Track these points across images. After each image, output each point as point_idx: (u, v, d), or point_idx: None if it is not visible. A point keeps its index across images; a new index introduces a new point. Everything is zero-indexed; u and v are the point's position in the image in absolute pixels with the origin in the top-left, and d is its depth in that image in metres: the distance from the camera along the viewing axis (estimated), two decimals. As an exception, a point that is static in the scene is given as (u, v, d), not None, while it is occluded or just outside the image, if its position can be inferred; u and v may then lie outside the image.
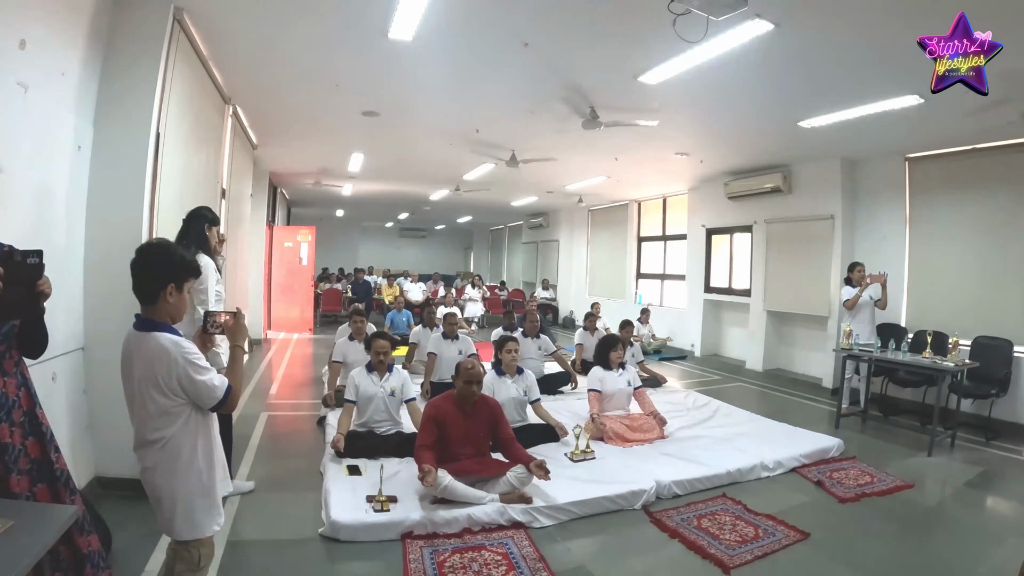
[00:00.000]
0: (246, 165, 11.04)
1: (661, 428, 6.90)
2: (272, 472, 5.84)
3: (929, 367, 7.28)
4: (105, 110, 5.00)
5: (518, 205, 20.34)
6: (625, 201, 17.64)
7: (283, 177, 16.24)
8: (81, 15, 4.63)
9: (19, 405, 2.66)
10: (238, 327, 3.02)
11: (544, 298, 20.98)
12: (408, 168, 13.82)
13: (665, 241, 16.54)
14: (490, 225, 30.89)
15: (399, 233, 33.22)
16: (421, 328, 10.14)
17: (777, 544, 4.51)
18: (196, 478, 2.79)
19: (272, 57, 6.76)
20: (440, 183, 16.20)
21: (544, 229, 23.09)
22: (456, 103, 8.31)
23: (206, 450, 2.83)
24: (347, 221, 29.62)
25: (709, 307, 14.31)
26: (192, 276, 2.87)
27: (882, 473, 6.11)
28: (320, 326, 17.23)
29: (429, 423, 5.10)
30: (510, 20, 5.54)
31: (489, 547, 4.36)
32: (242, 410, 7.93)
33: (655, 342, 14.44)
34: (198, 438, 2.80)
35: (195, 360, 2.69)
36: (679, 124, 8.90)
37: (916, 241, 9.65)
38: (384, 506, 4.65)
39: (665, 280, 16.61)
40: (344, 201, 20.96)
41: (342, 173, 14.68)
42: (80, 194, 4.86)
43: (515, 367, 6.84)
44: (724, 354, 14.25)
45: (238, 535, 4.49)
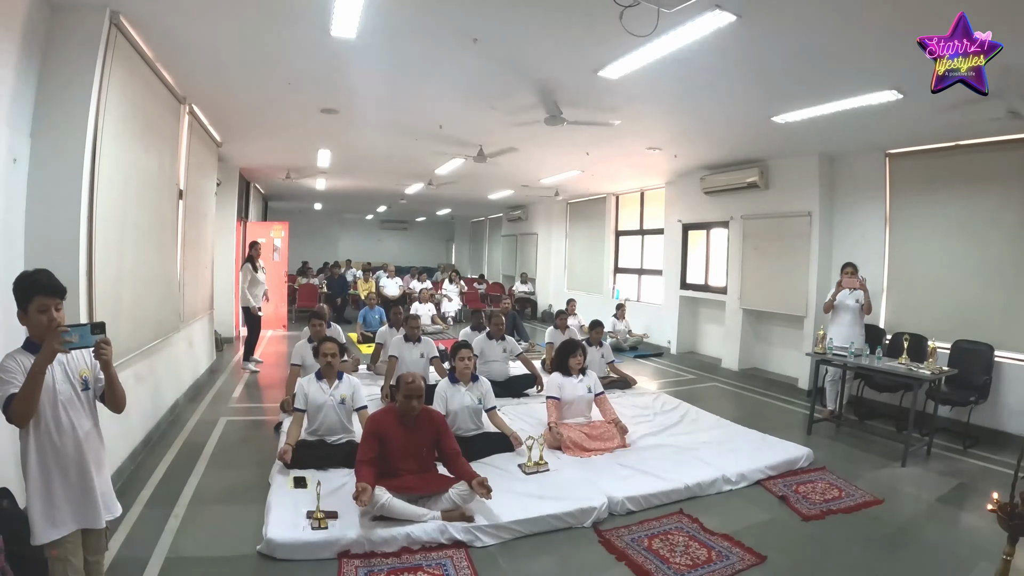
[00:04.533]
0: (209, 163, 10.82)
1: (623, 436, 6.71)
2: (222, 483, 5.73)
3: (905, 375, 7.08)
4: (42, 121, 4.90)
5: (495, 198, 20.16)
6: (603, 194, 17.51)
7: (254, 172, 16.06)
8: (12, 26, 4.53)
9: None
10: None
11: (523, 292, 20.92)
12: (377, 163, 13.65)
13: (643, 236, 16.40)
14: (471, 217, 30.74)
15: (380, 225, 33.09)
16: (388, 328, 9.97)
17: (730, 569, 4.30)
18: (32, 486, 2.94)
19: (220, 56, 6.58)
20: (413, 177, 15.99)
21: (523, 222, 22.94)
22: (412, 99, 8.12)
23: (40, 458, 2.95)
24: (326, 214, 29.52)
25: (685, 304, 14.18)
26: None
27: (851, 487, 5.91)
28: (296, 322, 17.07)
29: (370, 438, 4.94)
30: (455, 15, 5.33)
31: (426, 568, 4.22)
32: (200, 416, 7.87)
33: (631, 338, 14.33)
34: (29, 443, 2.93)
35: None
36: (647, 119, 8.70)
37: (896, 240, 9.45)
38: (322, 523, 4.53)
39: (643, 275, 16.48)
40: (321, 194, 20.78)
41: (312, 168, 14.53)
42: (18, 207, 4.74)
43: (469, 375, 6.64)
44: (700, 352, 14.13)
45: (177, 551, 4.38)
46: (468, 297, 20.47)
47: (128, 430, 5.89)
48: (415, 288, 18.37)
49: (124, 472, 5.59)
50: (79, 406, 3.06)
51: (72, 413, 3.01)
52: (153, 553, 4.28)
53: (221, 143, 11.12)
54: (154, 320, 7.01)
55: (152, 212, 7.00)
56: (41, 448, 2.92)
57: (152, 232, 7.00)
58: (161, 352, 7.38)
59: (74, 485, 3.01)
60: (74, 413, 3.02)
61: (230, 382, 9.86)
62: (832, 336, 8.25)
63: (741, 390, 10.50)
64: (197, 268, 9.80)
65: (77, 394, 3.06)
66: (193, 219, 9.24)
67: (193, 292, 9.28)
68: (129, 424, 5.86)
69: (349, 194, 20.62)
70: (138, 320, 6.35)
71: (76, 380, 3.06)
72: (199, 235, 9.97)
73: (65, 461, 2.98)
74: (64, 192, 4.94)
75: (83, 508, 3.05)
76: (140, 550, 4.29)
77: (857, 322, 8.38)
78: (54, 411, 2.94)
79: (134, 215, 6.30)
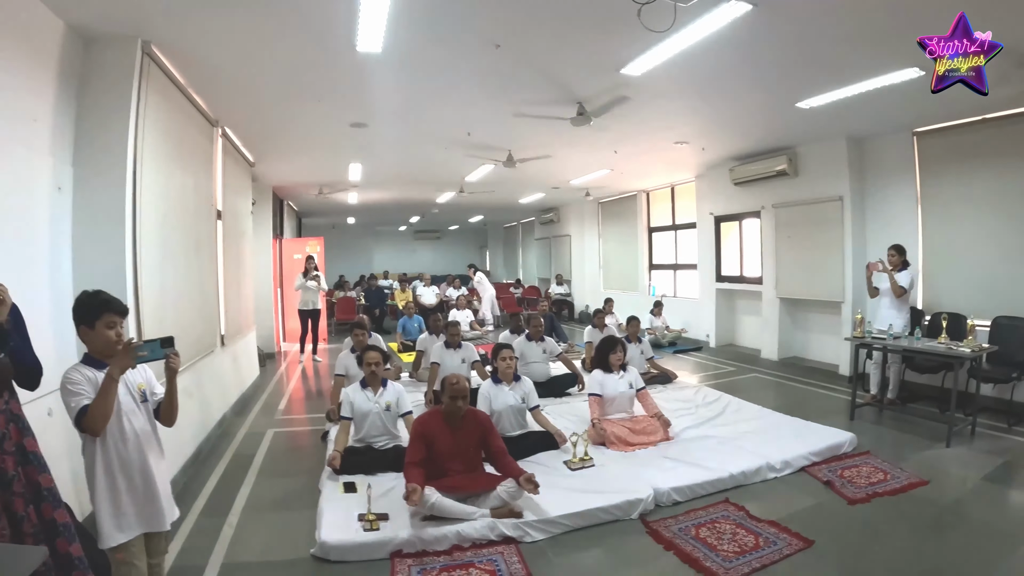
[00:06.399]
0: (244, 183, 11.05)
1: (665, 430, 6.73)
2: (273, 491, 5.81)
3: (944, 354, 7.03)
4: (82, 149, 5.14)
5: (526, 202, 20.28)
6: (633, 192, 17.47)
7: (287, 190, 16.30)
8: (49, 60, 4.79)
9: (9, 436, 2.84)
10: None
11: (559, 293, 20.89)
12: (408, 174, 13.83)
13: (676, 230, 16.35)
14: (503, 223, 30.79)
15: (413, 236, 33.25)
16: (428, 335, 10.06)
17: (778, 554, 4.31)
18: (100, 492, 3.09)
19: (251, 78, 6.77)
20: (444, 186, 16.15)
21: (555, 224, 22.95)
22: (440, 109, 8.23)
23: (106, 466, 3.10)
24: (359, 228, 29.71)
25: (722, 296, 14.14)
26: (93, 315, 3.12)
27: (896, 469, 5.87)
28: (335, 335, 17.22)
29: (417, 440, 5.02)
30: (476, 24, 5.44)
31: (477, 564, 4.27)
32: (249, 427, 7.99)
33: (669, 334, 14.33)
34: (96, 453, 3.08)
35: (66, 384, 3.01)
36: (673, 113, 8.73)
37: (929, 220, 9.35)
38: (374, 525, 4.61)
39: (678, 270, 16.44)
40: (354, 208, 20.98)
41: (344, 183, 14.71)
42: (64, 233, 4.98)
43: (511, 375, 6.71)
44: (739, 343, 14.09)
45: (233, 558, 4.48)
46: (505, 302, 20.50)
47: (180, 444, 6.04)
48: (451, 296, 18.47)
49: (177, 484, 5.69)
50: (140, 416, 3.21)
51: (135, 422, 3.16)
52: (209, 560, 4.39)
53: (254, 163, 11.31)
54: (197, 337, 7.18)
55: (190, 233, 7.19)
56: (107, 457, 3.07)
57: (191, 252, 7.18)
58: (207, 368, 7.56)
59: (139, 491, 3.16)
60: (136, 422, 3.17)
61: (275, 395, 9.97)
62: (874, 319, 8.21)
63: (782, 379, 10.45)
64: (238, 286, 10.00)
65: (137, 405, 3.21)
66: (232, 238, 9.45)
67: (235, 309, 9.48)
68: (180, 438, 6.01)
69: (382, 206, 20.77)
70: (182, 337, 6.49)
71: (135, 392, 3.23)
72: (238, 254, 10.18)
73: (130, 468, 3.13)
74: (109, 217, 5.17)
75: (148, 512, 3.20)
76: (197, 558, 4.40)
77: (894, 304, 8.27)
78: (118, 421, 3.08)
79: (173, 237, 6.50)
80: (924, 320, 8.63)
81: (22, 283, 4.13)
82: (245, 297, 10.84)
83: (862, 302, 9.36)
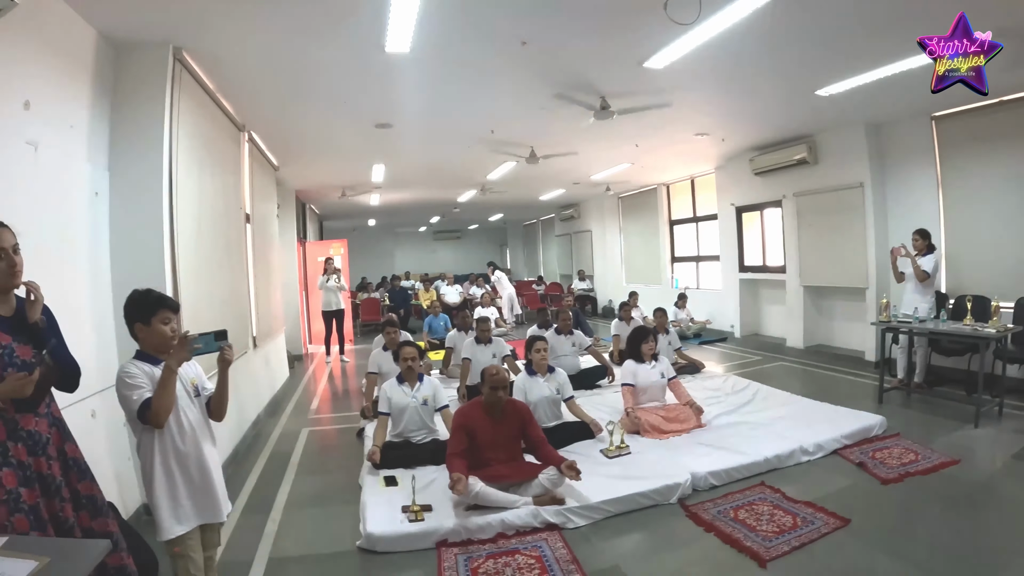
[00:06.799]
0: (269, 187, 11.18)
1: (698, 417, 6.80)
2: (313, 487, 5.92)
3: (970, 335, 7.08)
4: (118, 154, 5.24)
5: (546, 199, 20.32)
6: (653, 185, 17.49)
7: (310, 193, 16.43)
8: (83, 69, 4.86)
9: (51, 442, 2.82)
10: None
11: (581, 289, 20.93)
12: (431, 174, 13.90)
13: (697, 223, 16.38)
14: (522, 220, 30.83)
15: (433, 236, 33.40)
16: (456, 332, 10.14)
17: (816, 533, 4.40)
18: (157, 485, 3.14)
19: (278, 82, 6.89)
20: (465, 185, 16.28)
21: (576, 220, 23.00)
22: (465, 107, 8.31)
23: (163, 459, 3.16)
24: (380, 229, 29.85)
25: (745, 286, 14.18)
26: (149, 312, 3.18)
27: (927, 450, 5.94)
28: (361, 336, 17.40)
29: (459, 431, 5.11)
30: (503, 21, 5.52)
31: (523, 551, 4.36)
32: (283, 427, 8.09)
33: (694, 326, 14.38)
34: (153, 447, 3.14)
35: (125, 378, 3.06)
36: (694, 104, 8.79)
37: (950, 203, 9.37)
38: (418, 515, 4.68)
39: (700, 262, 16.46)
40: (375, 210, 21.11)
41: (367, 185, 14.82)
42: (102, 237, 5.08)
43: (546, 366, 6.79)
44: (764, 333, 14.13)
45: (279, 552, 4.56)
46: (528, 299, 20.62)
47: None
48: (475, 294, 18.62)
49: (217, 484, 5.85)
50: (194, 409, 3.31)
51: (190, 415, 3.25)
52: (256, 556, 4.47)
53: (278, 167, 11.42)
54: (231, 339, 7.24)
55: (222, 237, 7.31)
56: (164, 450, 3.14)
57: (223, 256, 7.30)
58: (242, 369, 7.66)
59: (196, 482, 3.24)
60: (192, 415, 3.26)
61: (306, 396, 10.11)
62: (899, 304, 8.27)
63: (808, 367, 10.49)
64: (268, 288, 10.13)
65: (191, 399, 3.30)
66: (260, 241, 9.58)
67: (265, 312, 9.63)
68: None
69: (403, 207, 20.87)
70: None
71: (189, 387, 3.31)
72: (266, 257, 10.31)
73: (187, 461, 3.20)
74: (147, 221, 5.28)
75: (204, 503, 3.28)
76: (243, 554, 4.48)
77: (918, 289, 8.29)
78: (175, 415, 3.16)
79: (207, 240, 6.61)
80: (948, 303, 8.65)
81: (63, 285, 4.30)
82: (274, 300, 10.98)
83: (887, 287, 9.39)
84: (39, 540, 2.51)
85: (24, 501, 2.59)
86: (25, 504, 2.59)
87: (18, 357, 2.68)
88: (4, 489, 2.54)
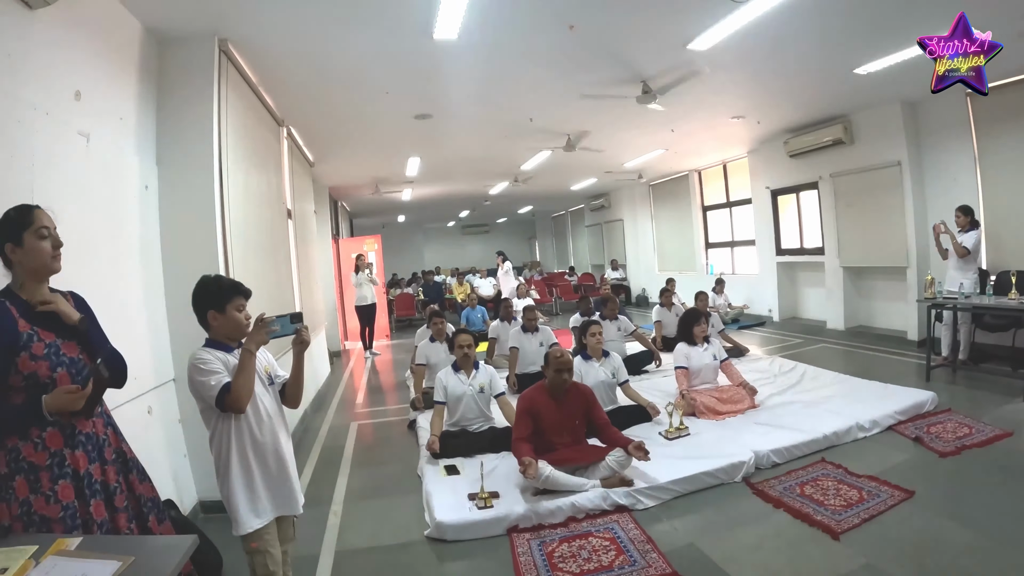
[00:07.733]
0: (306, 184, 11.26)
1: (752, 398, 6.80)
2: (369, 480, 5.94)
3: (1016, 309, 7.04)
4: (166, 147, 5.22)
5: (577, 189, 20.31)
6: (685, 171, 17.43)
7: (342, 190, 16.57)
8: (130, 60, 4.85)
9: (109, 443, 2.70)
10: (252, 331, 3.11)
11: (615, 279, 20.83)
12: (466, 165, 13.91)
13: (730, 208, 16.30)
14: (551, 212, 30.80)
15: (462, 231, 33.55)
16: (499, 323, 10.17)
17: (883, 505, 4.42)
18: (234, 477, 3.07)
19: (320, 73, 6.90)
20: (498, 176, 16.30)
21: (606, 210, 22.93)
22: (507, 94, 8.32)
23: (240, 450, 3.08)
24: (409, 226, 30.06)
25: (783, 270, 14.10)
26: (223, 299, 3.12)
27: (979, 423, 5.92)
28: (396, 331, 17.52)
29: (524, 415, 5.12)
30: (552, 3, 5.51)
31: (596, 533, 4.36)
32: (331, 422, 8.14)
33: (732, 311, 14.33)
34: (229, 438, 3.06)
35: (199, 364, 2.97)
36: (733, 87, 8.77)
37: (988, 179, 9.27)
38: (487, 502, 4.67)
39: (735, 247, 16.39)
40: (405, 206, 21.23)
41: (400, 179, 14.88)
42: (153, 230, 5.06)
43: (600, 350, 6.78)
44: (803, 316, 14.05)
45: (345, 545, 4.57)
46: (561, 289, 20.69)
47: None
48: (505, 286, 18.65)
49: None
50: (269, 397, 3.23)
51: (266, 403, 3.18)
52: (322, 549, 4.48)
53: (314, 163, 11.52)
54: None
55: (267, 232, 7.34)
56: (241, 440, 3.06)
57: (269, 250, 7.33)
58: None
59: (273, 473, 3.16)
60: (268, 403, 3.19)
61: (350, 391, 10.19)
62: (943, 280, 8.22)
63: (851, 348, 10.43)
64: (310, 284, 10.20)
65: (266, 387, 3.22)
66: (302, 237, 9.67)
67: (309, 308, 9.65)
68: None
69: (433, 202, 20.93)
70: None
71: (263, 375, 3.23)
72: (307, 253, 10.38)
73: (264, 451, 3.13)
74: (199, 215, 5.25)
75: (282, 494, 3.21)
76: (309, 547, 4.44)
77: (959, 265, 8.24)
78: (252, 403, 3.06)
79: (254, 235, 6.63)
80: (990, 279, 8.55)
81: (115, 277, 4.31)
82: (315, 295, 11.05)
83: (927, 265, 9.32)
84: (118, 539, 2.48)
85: (80, 516, 2.45)
86: (80, 520, 2.46)
87: (65, 355, 2.52)
88: (61, 506, 2.40)
